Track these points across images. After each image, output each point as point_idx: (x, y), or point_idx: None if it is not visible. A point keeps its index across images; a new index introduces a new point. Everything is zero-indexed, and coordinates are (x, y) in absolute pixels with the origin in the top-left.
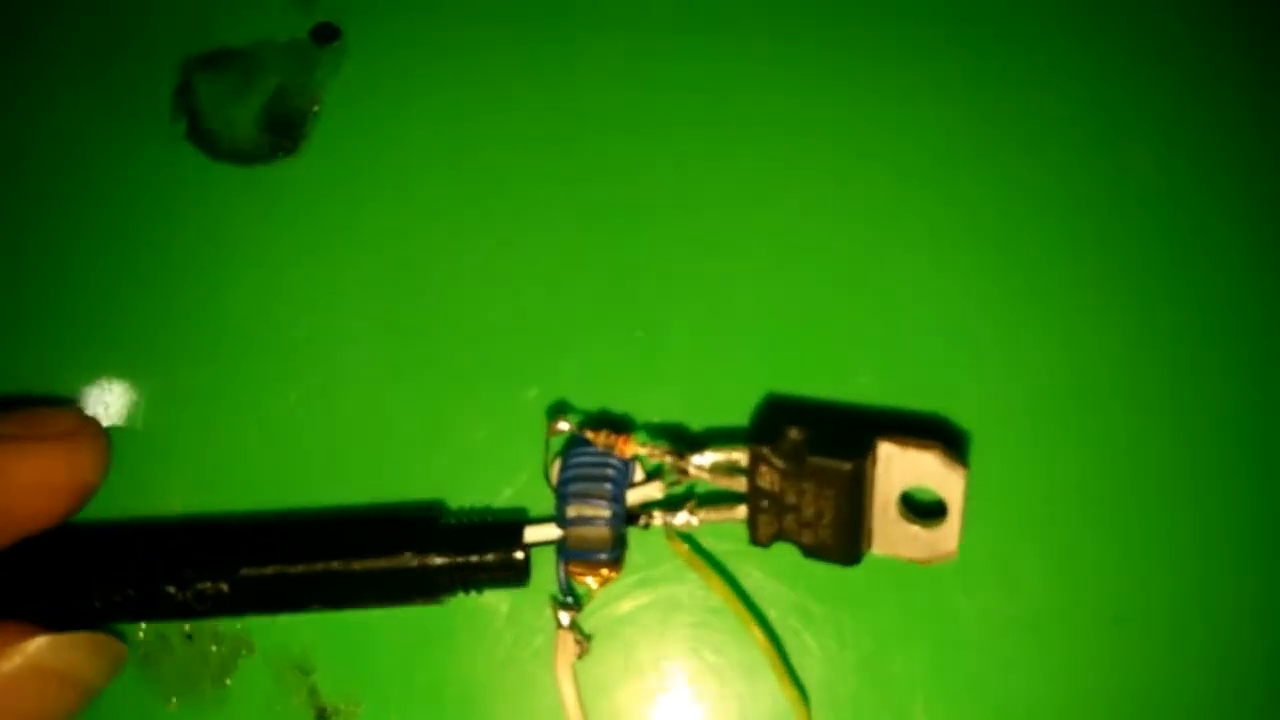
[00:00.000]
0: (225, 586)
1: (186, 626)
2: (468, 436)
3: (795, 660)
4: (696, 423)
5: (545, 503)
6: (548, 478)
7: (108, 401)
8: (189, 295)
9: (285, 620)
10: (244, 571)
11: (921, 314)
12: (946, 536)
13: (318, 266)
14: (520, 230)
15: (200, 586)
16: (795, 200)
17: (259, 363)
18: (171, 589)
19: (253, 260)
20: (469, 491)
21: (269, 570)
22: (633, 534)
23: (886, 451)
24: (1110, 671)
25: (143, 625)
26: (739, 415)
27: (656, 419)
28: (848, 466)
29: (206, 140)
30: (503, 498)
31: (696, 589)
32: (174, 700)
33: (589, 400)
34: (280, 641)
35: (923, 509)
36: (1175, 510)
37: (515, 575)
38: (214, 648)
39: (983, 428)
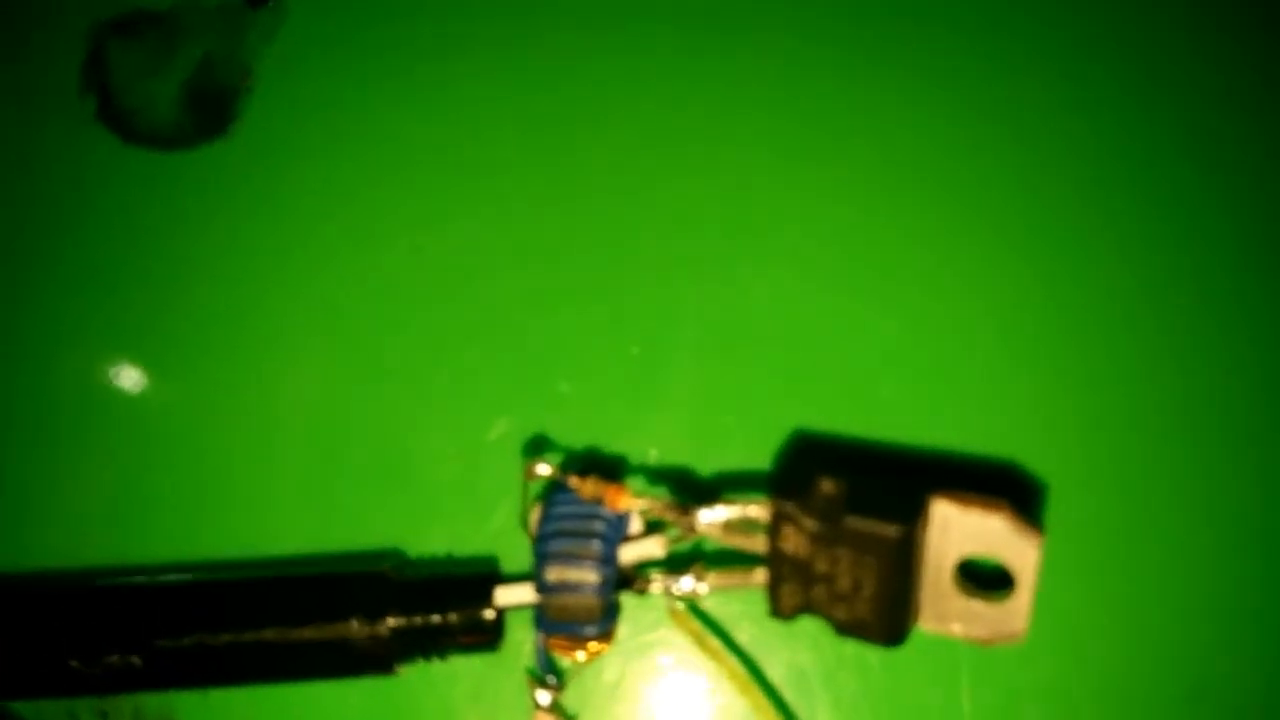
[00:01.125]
0: (137, 660)
1: (99, 702)
2: (430, 473)
3: None
4: (706, 465)
5: (522, 549)
6: (525, 525)
7: None
8: (96, 304)
9: (217, 695)
10: (159, 643)
11: (984, 341)
12: (1014, 614)
13: (249, 268)
14: (490, 226)
15: (108, 660)
16: (830, 208)
17: (178, 380)
18: (75, 663)
19: (173, 261)
20: (433, 537)
21: (187, 641)
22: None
23: (943, 512)
24: None
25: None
26: (759, 456)
27: (656, 459)
28: (895, 531)
29: (120, 121)
30: (469, 546)
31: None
32: None
33: (575, 434)
34: (210, 716)
35: (984, 577)
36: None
37: (485, 638)
38: None
39: (1059, 479)
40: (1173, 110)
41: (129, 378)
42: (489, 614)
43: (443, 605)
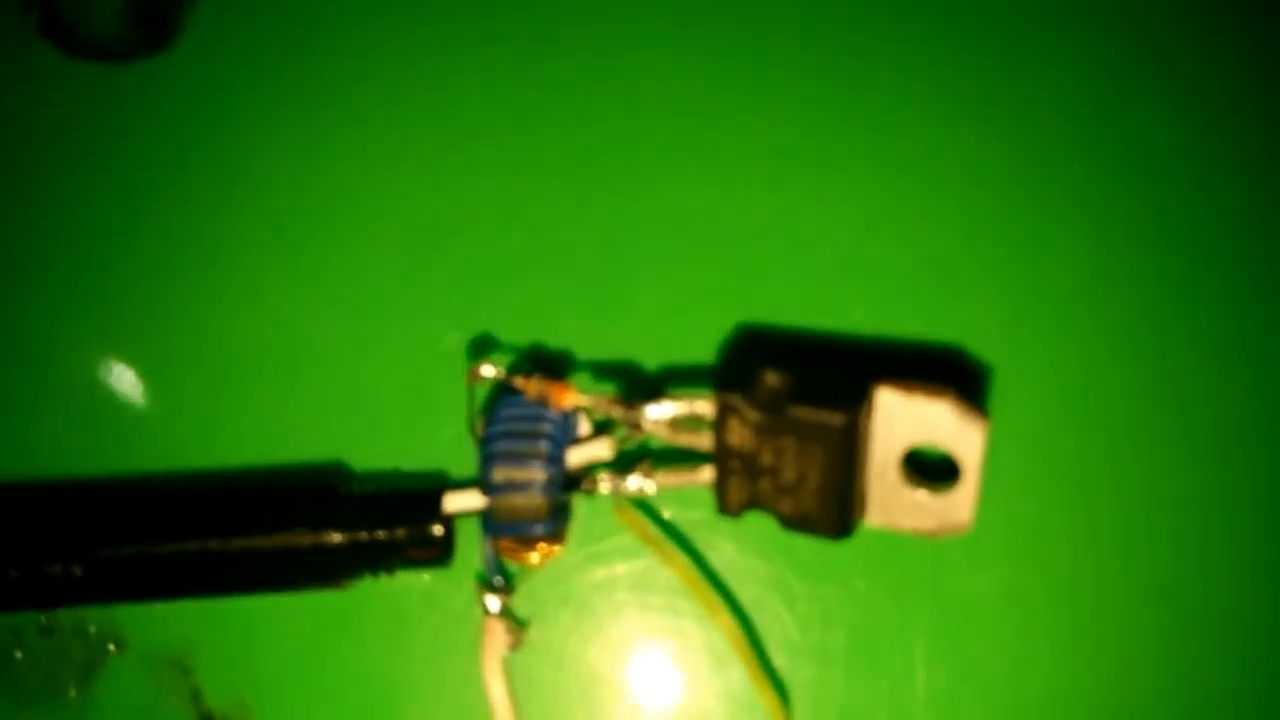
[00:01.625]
0: (78, 570)
1: (42, 618)
2: (378, 386)
3: (775, 648)
4: (652, 362)
5: (471, 464)
6: (473, 434)
7: None
8: (41, 215)
9: (161, 609)
10: (100, 552)
11: (924, 228)
12: (959, 504)
13: (194, 182)
14: (440, 135)
15: (49, 570)
16: (773, 103)
17: (122, 292)
18: (13, 573)
19: (118, 174)
20: (379, 452)
21: (129, 550)
22: (583, 499)
23: (887, 401)
24: (1149, 656)
25: None
26: (704, 352)
27: (602, 358)
28: (839, 419)
29: (63, 35)
30: (420, 459)
31: (658, 565)
32: (28, 709)
33: (521, 338)
34: (156, 635)
35: (930, 469)
36: (1233, 465)
37: (435, 553)
38: (77, 643)
39: (1003, 364)
40: None
41: (75, 293)
42: (437, 528)
43: (391, 519)
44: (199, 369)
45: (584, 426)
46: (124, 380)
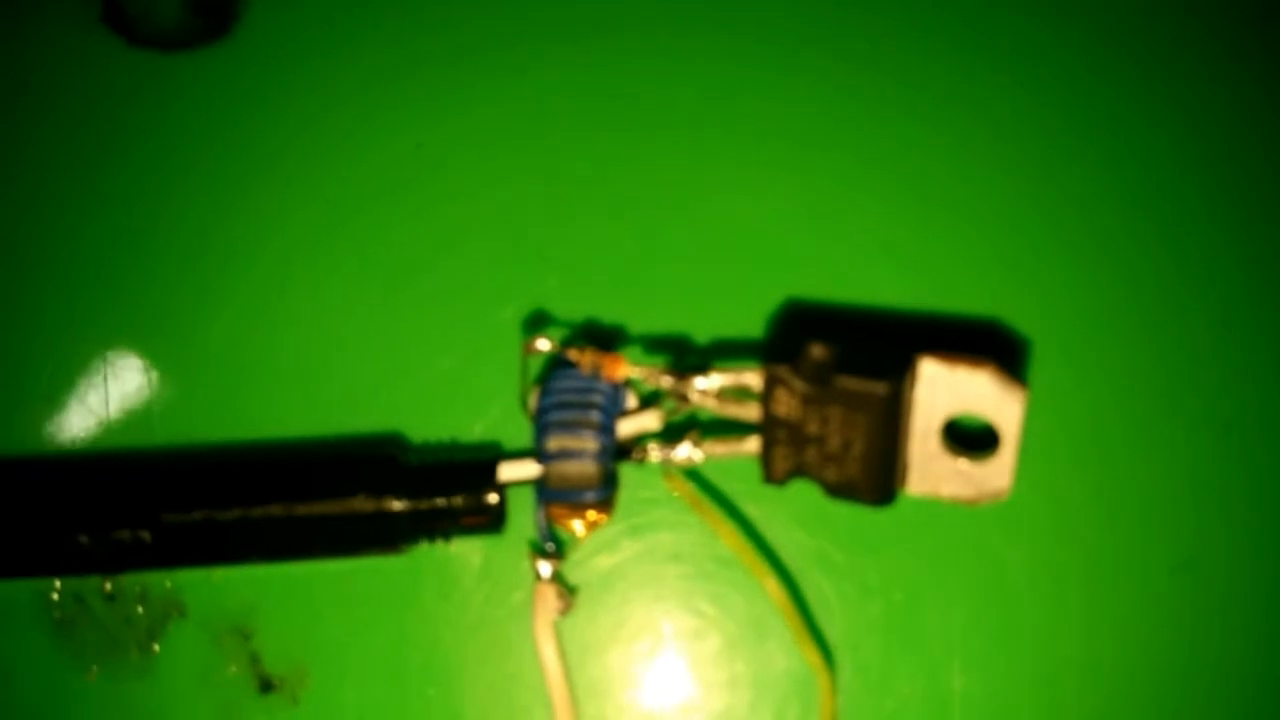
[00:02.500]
0: (146, 535)
1: (107, 584)
2: (433, 361)
3: (815, 616)
4: (701, 337)
5: (523, 437)
6: (525, 407)
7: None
8: (105, 202)
9: (221, 575)
10: (168, 517)
11: (966, 204)
12: (998, 472)
13: (255, 167)
14: (494, 121)
15: (117, 535)
16: (814, 82)
17: (188, 275)
18: (84, 538)
19: (179, 161)
20: (434, 425)
21: (197, 516)
22: (625, 471)
23: (930, 371)
24: (1178, 624)
25: (56, 583)
26: (752, 328)
27: (653, 333)
28: (882, 389)
29: (125, 23)
30: (473, 432)
31: (700, 535)
32: (94, 669)
33: (574, 314)
34: (216, 601)
35: (970, 439)
36: (1264, 438)
37: (488, 520)
38: (139, 609)
39: (1041, 338)
40: None
41: (136, 273)
42: (492, 497)
43: (448, 487)
44: (262, 346)
45: (632, 400)
46: (194, 359)
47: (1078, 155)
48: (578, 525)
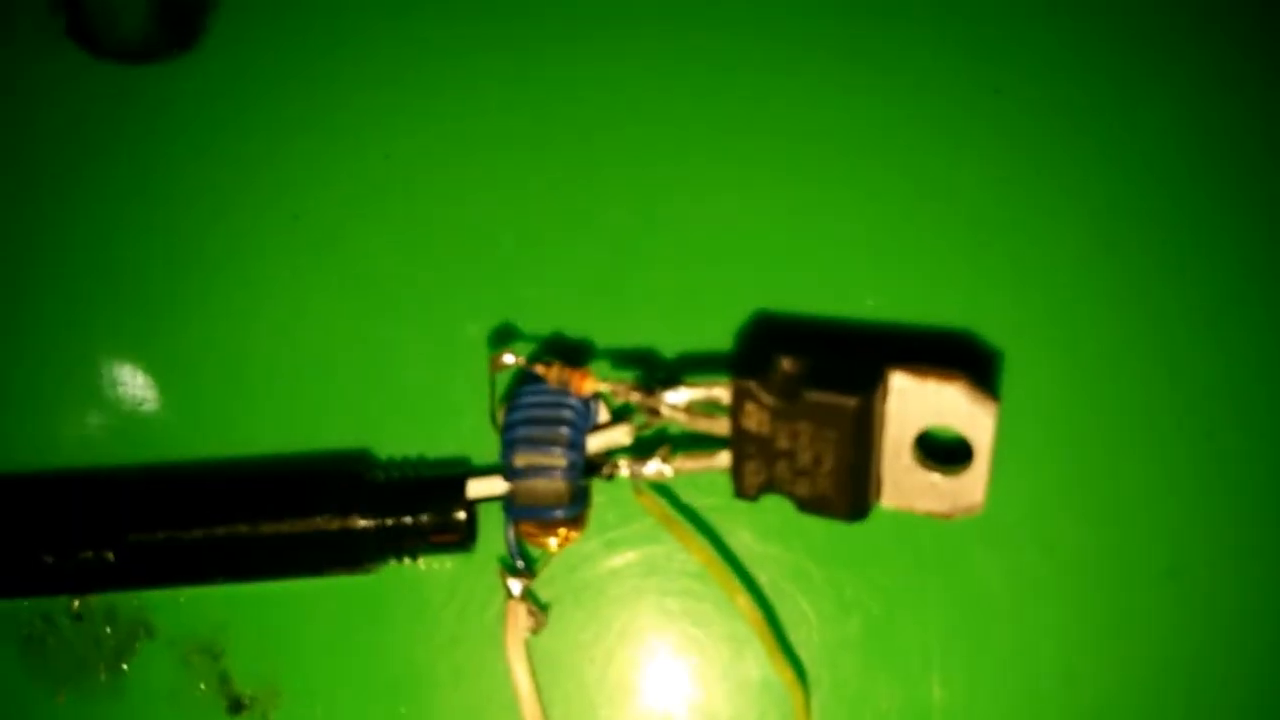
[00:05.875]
0: (110, 555)
1: (74, 603)
2: (403, 375)
3: (791, 631)
4: (671, 350)
5: (495, 453)
6: (495, 423)
7: None
8: (69, 216)
9: (190, 594)
10: (132, 537)
11: (936, 214)
12: (972, 486)
13: (221, 180)
14: (462, 133)
15: (82, 555)
16: (786, 95)
17: (149, 288)
18: (49, 558)
19: (146, 174)
20: (404, 440)
21: (161, 535)
22: (600, 485)
23: (900, 384)
24: (1159, 633)
25: (23, 603)
26: (722, 340)
27: (623, 346)
28: (852, 402)
29: (89, 36)
30: (444, 448)
31: (676, 550)
32: (63, 692)
33: (543, 327)
34: (185, 620)
35: (943, 452)
36: (1240, 445)
37: (457, 538)
38: (107, 629)
39: (1014, 349)
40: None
41: (101, 288)
42: (460, 514)
43: (414, 504)
44: (226, 361)
45: (603, 414)
46: (155, 373)
47: (1049, 162)
48: (553, 542)
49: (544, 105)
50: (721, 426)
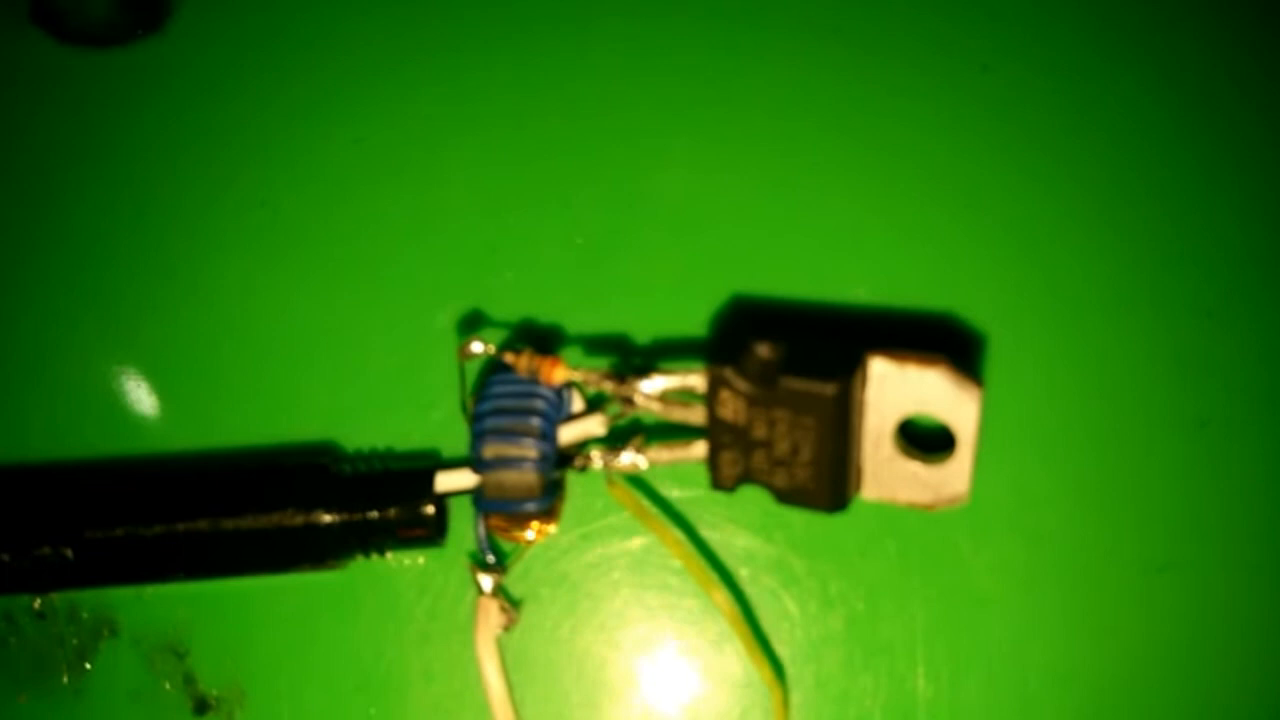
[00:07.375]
0: (68, 552)
1: (35, 602)
2: (371, 364)
3: (772, 627)
4: (644, 336)
5: (464, 445)
6: (466, 414)
7: None
8: (33, 201)
9: (153, 591)
10: (90, 533)
11: (916, 195)
12: (956, 475)
13: (188, 164)
14: (433, 118)
15: (39, 552)
16: (764, 78)
17: (112, 276)
18: (4, 556)
19: (110, 158)
20: (372, 431)
21: (119, 532)
22: (575, 477)
23: (880, 369)
24: (1148, 627)
25: None
26: (697, 326)
27: (596, 333)
28: (830, 389)
29: (54, 20)
30: (413, 439)
31: (655, 543)
32: (24, 693)
33: (515, 315)
34: (148, 619)
35: (925, 441)
36: (1232, 434)
37: (427, 532)
38: (70, 627)
39: (998, 333)
40: None
41: (67, 277)
42: (429, 507)
43: (382, 498)
44: (190, 350)
45: (577, 403)
46: (115, 363)
47: (1033, 142)
48: (531, 534)
49: (515, 91)
50: (698, 415)
